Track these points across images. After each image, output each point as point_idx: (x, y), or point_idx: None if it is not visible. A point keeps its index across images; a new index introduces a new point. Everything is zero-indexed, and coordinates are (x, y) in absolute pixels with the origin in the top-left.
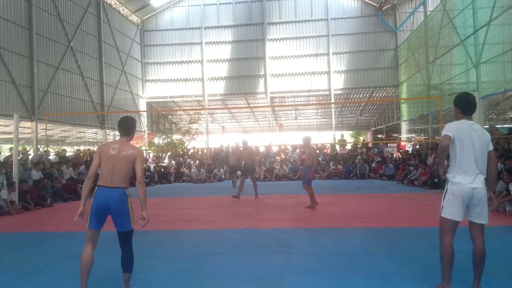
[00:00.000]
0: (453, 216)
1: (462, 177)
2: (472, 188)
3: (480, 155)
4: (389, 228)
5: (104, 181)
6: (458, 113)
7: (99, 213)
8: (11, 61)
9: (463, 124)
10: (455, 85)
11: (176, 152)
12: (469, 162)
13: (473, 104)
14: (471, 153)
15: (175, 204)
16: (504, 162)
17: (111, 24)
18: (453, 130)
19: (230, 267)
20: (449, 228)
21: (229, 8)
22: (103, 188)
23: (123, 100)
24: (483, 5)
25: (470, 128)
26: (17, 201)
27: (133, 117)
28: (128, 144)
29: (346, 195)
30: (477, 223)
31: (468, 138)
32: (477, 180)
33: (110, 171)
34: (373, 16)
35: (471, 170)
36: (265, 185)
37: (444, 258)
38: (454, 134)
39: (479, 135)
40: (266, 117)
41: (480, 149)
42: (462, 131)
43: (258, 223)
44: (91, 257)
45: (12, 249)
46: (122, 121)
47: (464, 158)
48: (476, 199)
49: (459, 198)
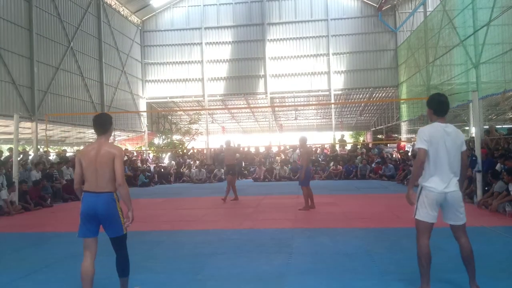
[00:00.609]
0: (427, 218)
1: (436, 182)
2: (445, 193)
3: (454, 158)
4: (389, 228)
5: (90, 186)
6: (431, 114)
7: (88, 220)
8: (11, 62)
9: (436, 129)
10: (455, 86)
11: (176, 153)
12: (442, 167)
13: (445, 105)
14: (445, 158)
15: (175, 204)
16: (504, 162)
17: (111, 25)
18: (427, 138)
19: (230, 267)
20: (424, 229)
21: (229, 8)
22: (89, 193)
23: (123, 101)
24: (483, 5)
25: (443, 131)
26: (17, 201)
27: (108, 114)
28: (106, 143)
29: (346, 196)
30: (455, 225)
31: (441, 142)
32: (450, 184)
33: (93, 175)
34: (373, 17)
35: (444, 175)
36: (265, 185)
37: (421, 260)
38: (428, 143)
39: (452, 137)
40: (266, 117)
41: (454, 152)
42: (435, 136)
43: (258, 224)
44: (90, 268)
45: (12, 249)
46: (97, 119)
47: (437, 163)
48: (449, 203)
49: (432, 202)
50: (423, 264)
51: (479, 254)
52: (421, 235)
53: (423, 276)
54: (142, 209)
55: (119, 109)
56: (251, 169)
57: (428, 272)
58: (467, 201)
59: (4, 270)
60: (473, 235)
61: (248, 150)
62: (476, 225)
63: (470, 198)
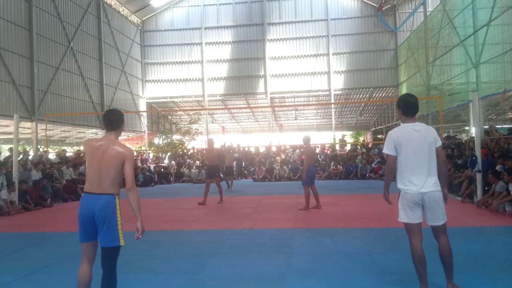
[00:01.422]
0: (409, 219)
1: (410, 183)
2: (422, 193)
3: (427, 156)
4: (389, 228)
5: (90, 187)
6: (401, 115)
7: (85, 224)
8: (11, 62)
9: (402, 130)
10: (455, 86)
11: (176, 153)
12: (414, 167)
13: (413, 105)
14: (416, 158)
15: (175, 204)
16: (504, 162)
17: (111, 25)
18: (393, 143)
19: (230, 267)
20: (411, 231)
21: (229, 8)
22: (89, 195)
23: (123, 101)
24: (483, 5)
25: (411, 131)
26: (17, 201)
27: (119, 110)
28: (115, 141)
29: (346, 196)
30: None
31: (409, 143)
32: (427, 184)
33: (96, 174)
34: (373, 17)
35: (418, 175)
36: (265, 185)
37: (416, 262)
38: (395, 147)
39: (422, 135)
40: (266, 117)
41: (425, 150)
42: (403, 138)
43: (258, 224)
44: (87, 274)
45: (12, 249)
46: (109, 114)
47: (409, 165)
48: (427, 203)
49: (410, 203)
50: (418, 267)
51: (479, 254)
52: (412, 237)
53: (420, 277)
54: (142, 209)
55: (119, 109)
56: (251, 169)
57: (424, 273)
58: (467, 201)
59: (4, 270)
60: (473, 235)
61: (243, 149)
62: (476, 225)
63: (470, 198)
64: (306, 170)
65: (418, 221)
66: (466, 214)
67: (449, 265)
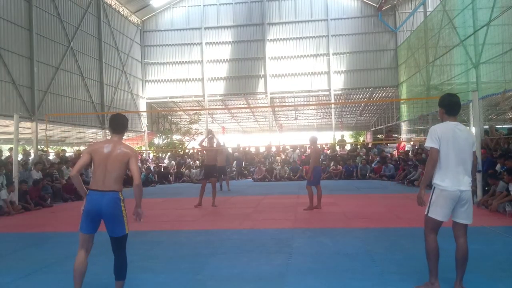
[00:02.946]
0: (440, 216)
1: (449, 181)
2: (460, 191)
3: (466, 157)
4: (389, 228)
5: (96, 184)
6: (443, 114)
7: (91, 217)
8: (11, 62)
9: (447, 127)
10: (455, 86)
11: (176, 153)
12: (455, 165)
13: (457, 105)
14: (457, 156)
15: (175, 204)
16: (504, 162)
17: (111, 25)
18: (438, 137)
19: (230, 267)
20: (433, 227)
21: (229, 8)
22: (95, 191)
23: (123, 101)
24: (483, 5)
25: (455, 129)
26: (17, 201)
27: (124, 115)
28: (121, 143)
29: (346, 196)
30: (462, 223)
31: (453, 141)
32: (464, 183)
33: (102, 173)
34: (373, 17)
35: (457, 173)
36: (265, 185)
37: (430, 254)
38: (439, 142)
39: (464, 135)
40: (266, 117)
41: (465, 150)
42: (447, 134)
43: (258, 224)
44: (84, 263)
45: (12, 249)
46: (115, 118)
47: (450, 162)
48: (462, 201)
49: (447, 201)
50: (431, 258)
51: (479, 254)
52: (430, 231)
53: (431, 270)
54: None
55: (119, 109)
56: (251, 169)
57: (436, 266)
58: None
59: (4, 270)
60: (473, 235)
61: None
62: (476, 225)
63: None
64: (312, 170)
65: (446, 220)
66: None
67: (463, 267)
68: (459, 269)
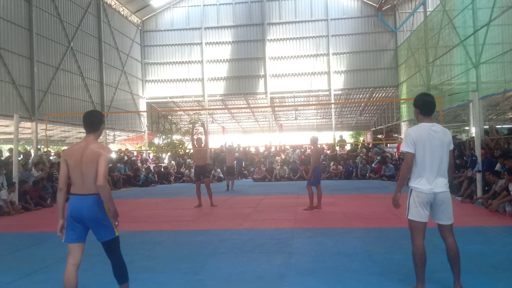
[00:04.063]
0: (419, 217)
1: (423, 183)
2: (434, 193)
3: (441, 158)
4: (389, 228)
5: (76, 188)
6: (418, 114)
7: (74, 224)
8: (11, 62)
9: (421, 129)
10: (455, 86)
11: (177, 153)
12: (429, 167)
13: (432, 104)
14: (432, 159)
15: (175, 204)
16: (504, 162)
17: (111, 25)
18: (413, 141)
19: (230, 267)
20: (417, 229)
21: (229, 8)
22: (75, 196)
23: (123, 101)
24: (483, 6)
25: (429, 131)
26: (17, 201)
27: (99, 111)
28: (93, 142)
29: (346, 196)
30: (443, 224)
31: (427, 143)
32: (439, 184)
33: (80, 177)
34: (373, 17)
35: (432, 175)
36: (265, 185)
37: (416, 260)
38: (414, 145)
39: (440, 136)
40: (266, 117)
41: (441, 151)
42: (422, 137)
43: (258, 224)
44: (73, 278)
45: (12, 249)
46: (88, 116)
47: (425, 165)
48: (438, 203)
49: (422, 201)
50: (418, 264)
51: (479, 254)
52: (415, 235)
53: (418, 276)
54: (142, 209)
55: (119, 109)
56: (251, 169)
57: (423, 272)
58: (467, 201)
59: (4, 270)
60: (473, 235)
61: (243, 149)
62: (476, 225)
63: (470, 198)
64: (312, 171)
65: (426, 220)
66: (466, 214)
67: (457, 266)
68: (454, 269)
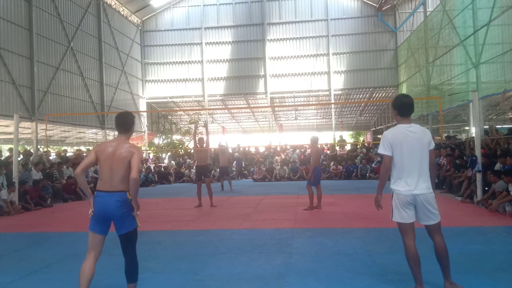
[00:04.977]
0: (402, 219)
1: (402, 185)
2: (414, 195)
3: (420, 158)
4: (389, 228)
5: (103, 185)
6: (396, 115)
7: (99, 218)
8: (11, 62)
9: (398, 131)
10: (455, 86)
11: (177, 152)
12: (408, 168)
13: (409, 106)
14: (411, 160)
15: (175, 204)
16: (504, 162)
17: (111, 25)
18: (389, 143)
19: (230, 267)
20: (404, 230)
21: (229, 8)
22: (102, 192)
23: (123, 101)
24: (483, 6)
25: (406, 132)
26: (17, 201)
27: (131, 113)
28: (126, 142)
29: (346, 196)
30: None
31: (404, 144)
32: (419, 186)
33: (108, 173)
34: (373, 17)
35: (411, 177)
36: (265, 185)
37: (409, 261)
38: (391, 148)
39: (418, 136)
40: (266, 117)
41: (420, 151)
42: (399, 139)
43: (258, 224)
44: (92, 269)
45: (12, 249)
46: (120, 117)
47: (404, 166)
48: (419, 204)
49: (403, 203)
50: (412, 266)
51: (479, 254)
52: (405, 236)
53: (415, 277)
54: (142, 209)
55: (119, 109)
56: (251, 169)
57: (419, 272)
58: (467, 201)
59: (4, 270)
60: (473, 235)
61: (243, 149)
62: (476, 225)
63: (470, 198)
64: (312, 171)
65: (411, 221)
66: (466, 214)
67: (446, 263)
68: (443, 267)
